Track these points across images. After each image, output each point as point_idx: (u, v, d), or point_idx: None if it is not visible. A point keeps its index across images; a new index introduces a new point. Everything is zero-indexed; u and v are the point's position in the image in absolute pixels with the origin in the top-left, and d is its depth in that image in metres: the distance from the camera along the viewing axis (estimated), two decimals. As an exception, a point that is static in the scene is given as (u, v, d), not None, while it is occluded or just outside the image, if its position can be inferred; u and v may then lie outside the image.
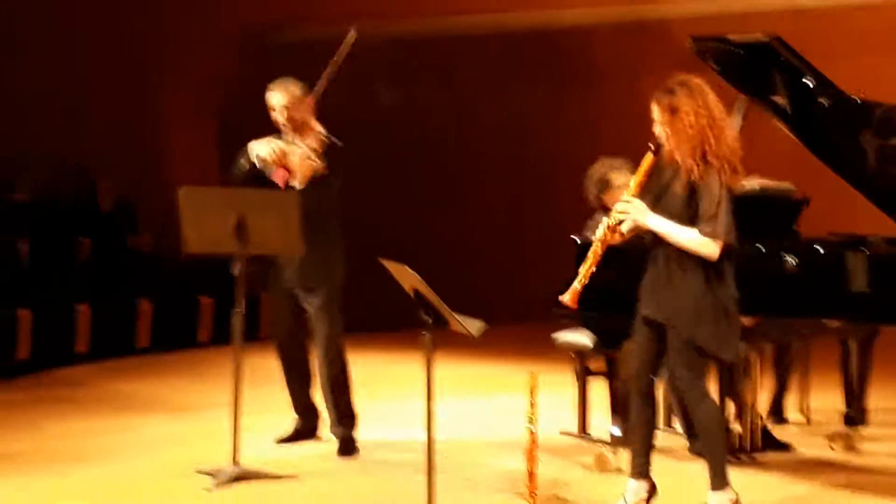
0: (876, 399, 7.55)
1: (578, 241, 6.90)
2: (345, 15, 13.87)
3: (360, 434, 7.05)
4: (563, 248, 6.91)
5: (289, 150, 6.86)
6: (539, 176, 15.08)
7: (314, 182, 6.81)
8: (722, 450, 5.62)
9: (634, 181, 5.64)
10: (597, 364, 7.11)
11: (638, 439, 5.76)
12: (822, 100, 6.82)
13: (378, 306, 6.98)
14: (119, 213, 13.40)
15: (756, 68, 6.79)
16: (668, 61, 13.50)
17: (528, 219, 15.10)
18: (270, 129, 7.06)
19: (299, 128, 6.95)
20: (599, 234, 5.67)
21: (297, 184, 6.79)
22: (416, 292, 5.55)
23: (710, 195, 5.42)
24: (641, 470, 5.73)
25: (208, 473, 6.41)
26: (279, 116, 6.99)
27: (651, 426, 5.77)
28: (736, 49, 6.87)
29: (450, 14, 13.55)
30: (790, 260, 6.14)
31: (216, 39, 14.12)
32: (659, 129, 5.53)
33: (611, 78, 14.48)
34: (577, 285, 5.67)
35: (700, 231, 5.42)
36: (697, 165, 5.43)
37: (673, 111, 5.47)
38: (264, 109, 7.07)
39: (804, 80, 6.81)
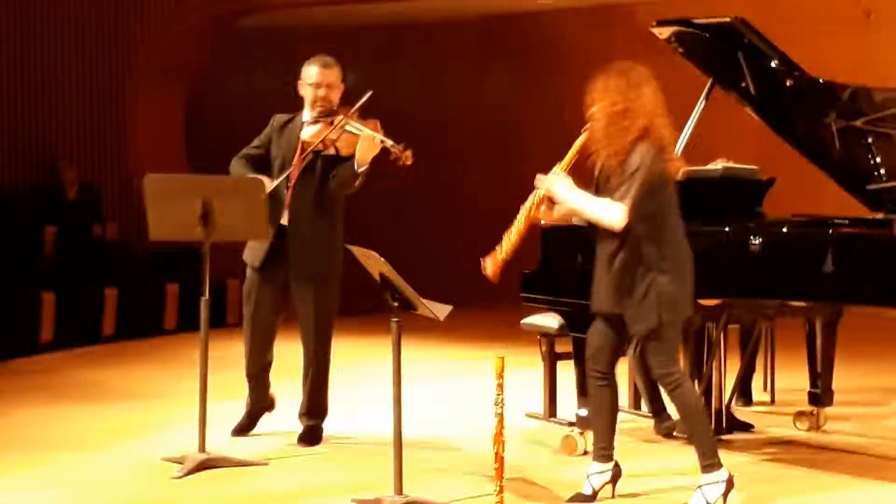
0: (840, 379, 7.59)
1: (544, 225, 6.91)
2: (315, 1, 13.91)
3: (330, 418, 7.03)
4: (534, 233, 6.91)
5: (341, 133, 6.60)
6: (509, 160, 15.08)
7: (335, 162, 6.65)
8: (706, 431, 5.64)
9: (565, 159, 5.70)
10: (564, 347, 7.12)
11: (599, 422, 5.77)
12: (786, 81, 6.84)
13: (346, 291, 6.93)
14: (84, 202, 13.34)
15: (721, 51, 6.81)
16: (634, 45, 13.58)
17: (499, 204, 15.07)
18: (235, 116, 6.98)
19: (328, 112, 6.73)
20: (526, 204, 5.71)
21: (358, 168, 6.56)
22: (383, 277, 5.55)
23: (629, 167, 5.43)
24: (605, 453, 5.75)
25: (175, 461, 6.39)
26: (320, 92, 6.74)
27: (612, 409, 5.77)
28: (700, 31, 6.89)
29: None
30: (755, 241, 6.15)
31: (184, 25, 14.04)
32: (590, 112, 5.60)
33: (577, 61, 14.49)
34: (501, 257, 5.70)
35: (612, 198, 5.44)
36: (620, 144, 5.45)
37: (601, 90, 5.57)
38: (232, 96, 7.00)
39: (768, 61, 6.83)
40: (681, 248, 5.57)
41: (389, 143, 6.51)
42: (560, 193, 5.62)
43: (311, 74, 6.77)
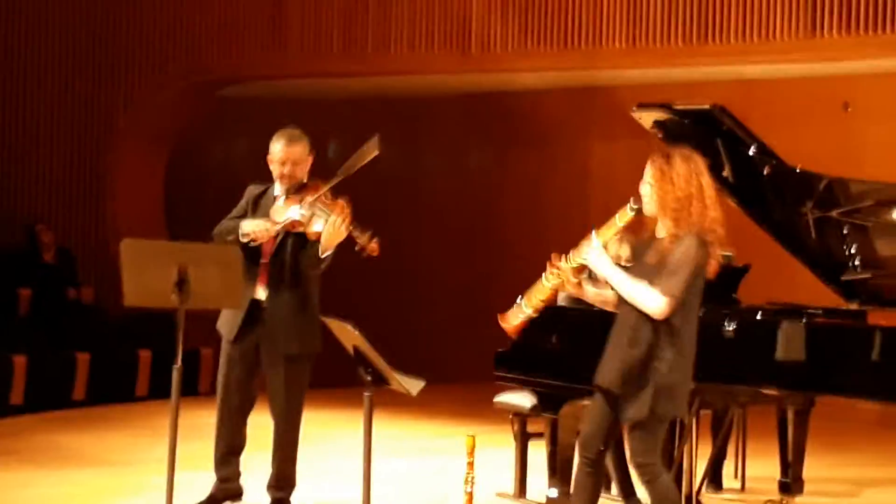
0: (811, 468, 7.58)
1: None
2: (298, 72, 13.98)
3: (298, 491, 6.98)
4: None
5: (309, 216, 6.53)
6: (489, 237, 15.14)
7: (310, 244, 6.56)
8: None
9: (608, 231, 5.57)
10: (536, 426, 7.10)
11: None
12: (764, 169, 6.90)
13: (319, 363, 6.91)
14: (60, 265, 13.30)
15: (699, 137, 6.85)
16: (614, 126, 13.73)
17: (475, 278, 15.13)
18: (216, 184, 6.97)
19: (298, 186, 6.68)
20: (563, 266, 5.58)
21: (322, 253, 6.49)
22: (357, 350, 5.55)
23: (679, 255, 5.38)
24: (579, 535, 5.71)
25: (141, 529, 6.34)
26: (283, 169, 6.71)
27: (595, 495, 5.73)
28: (679, 116, 6.95)
29: (401, 74, 13.62)
30: (729, 326, 6.17)
31: (166, 93, 14.10)
32: (645, 189, 5.50)
33: (559, 140, 14.60)
34: (524, 311, 5.62)
35: (652, 284, 5.39)
36: (676, 234, 5.40)
37: (663, 172, 5.44)
38: (212, 164, 6.99)
39: (746, 149, 6.88)
40: (690, 343, 5.52)
41: (356, 232, 6.44)
42: (601, 268, 5.52)
43: (275, 151, 6.72)
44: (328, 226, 6.47)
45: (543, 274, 5.65)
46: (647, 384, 5.39)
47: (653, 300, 5.37)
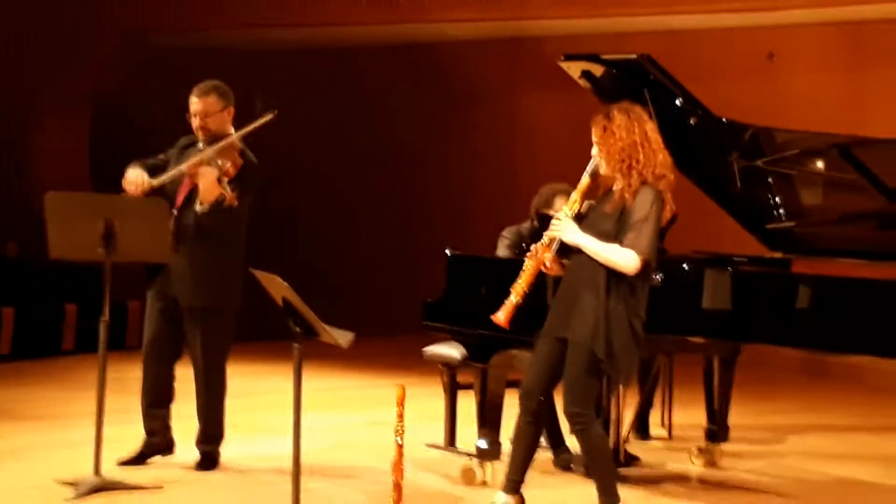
0: (737, 416, 7.68)
1: (449, 255, 6.94)
2: (229, 23, 13.85)
3: (227, 446, 6.97)
4: (439, 262, 6.94)
5: (201, 167, 6.51)
6: (417, 188, 15.12)
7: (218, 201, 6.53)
8: (611, 472, 5.66)
9: (571, 201, 5.67)
10: (466, 377, 7.13)
11: (518, 455, 5.74)
12: (690, 119, 6.93)
13: (248, 316, 6.88)
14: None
15: (626, 86, 6.87)
16: (541, 78, 13.71)
17: (403, 230, 15.13)
18: (145, 137, 6.90)
19: (215, 139, 6.66)
20: (533, 250, 5.67)
21: (198, 206, 6.52)
22: (286, 302, 5.52)
23: (639, 210, 5.46)
24: (514, 486, 5.75)
25: (69, 484, 6.30)
26: (195, 122, 6.71)
27: (534, 445, 5.77)
28: (606, 67, 6.96)
29: (330, 25, 13.54)
30: (655, 276, 6.22)
31: (94, 45, 13.91)
32: (594, 150, 5.59)
33: (487, 91, 14.59)
34: (512, 301, 5.65)
35: (621, 243, 5.46)
36: (629, 182, 5.48)
37: (605, 128, 5.54)
38: (140, 117, 6.92)
39: (673, 99, 6.91)
40: (646, 294, 5.62)
41: (223, 184, 6.42)
42: (571, 237, 5.58)
43: (190, 104, 6.73)
44: (200, 178, 6.47)
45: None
46: (619, 336, 5.46)
47: (626, 259, 5.45)
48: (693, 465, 7.32)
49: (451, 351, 7.00)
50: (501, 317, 5.68)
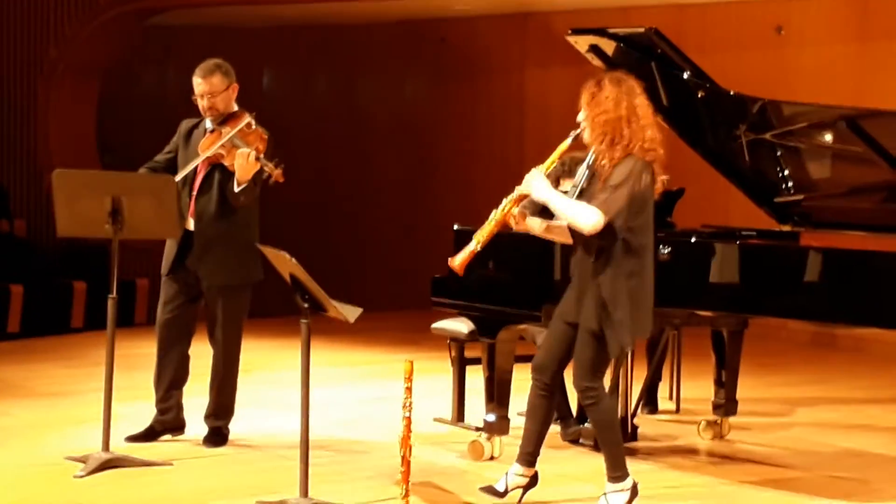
0: (745, 389, 7.68)
1: (457, 229, 6.93)
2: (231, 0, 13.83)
3: (237, 421, 6.99)
4: (447, 237, 6.92)
5: (233, 149, 6.49)
6: (425, 164, 15.11)
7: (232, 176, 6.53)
8: (619, 445, 5.65)
9: (549, 160, 5.62)
10: (474, 352, 7.14)
11: (531, 427, 5.74)
12: (698, 93, 6.92)
13: (258, 292, 6.89)
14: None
15: (634, 61, 6.86)
16: (549, 53, 13.68)
17: (411, 206, 15.12)
18: (148, 114, 6.90)
19: (224, 118, 6.64)
20: (504, 202, 5.61)
21: (236, 186, 6.49)
22: (294, 278, 5.53)
23: (616, 177, 5.40)
24: (528, 459, 5.75)
25: (78, 460, 6.32)
26: (202, 103, 6.67)
27: (548, 419, 5.77)
28: (614, 41, 6.95)
29: (338, 0, 13.52)
30: (664, 250, 6.21)
31: (96, 23, 13.88)
32: (580, 115, 5.53)
33: (494, 66, 14.55)
34: (471, 248, 5.59)
35: (590, 202, 5.41)
36: (612, 156, 5.42)
37: (594, 95, 5.48)
38: (142, 94, 6.92)
39: (681, 73, 6.90)
40: (651, 267, 5.57)
41: (263, 161, 6.43)
42: (539, 192, 5.53)
43: (194, 86, 6.69)
44: (238, 158, 6.46)
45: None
46: (625, 313, 5.44)
47: (587, 217, 5.37)
48: (701, 438, 7.33)
49: (460, 326, 7.00)
50: (457, 262, 5.62)
